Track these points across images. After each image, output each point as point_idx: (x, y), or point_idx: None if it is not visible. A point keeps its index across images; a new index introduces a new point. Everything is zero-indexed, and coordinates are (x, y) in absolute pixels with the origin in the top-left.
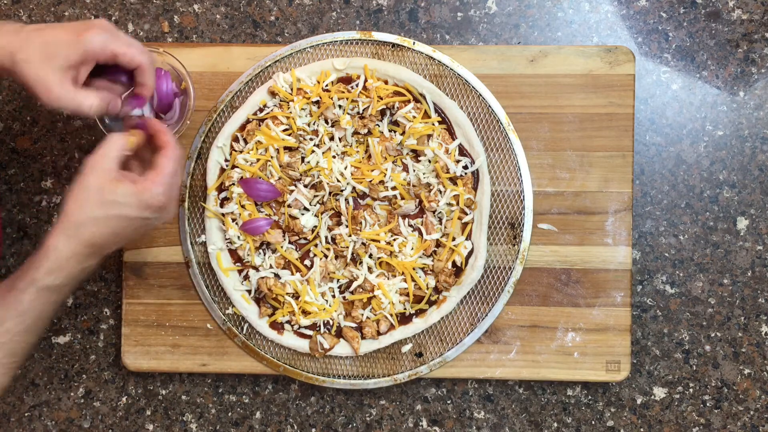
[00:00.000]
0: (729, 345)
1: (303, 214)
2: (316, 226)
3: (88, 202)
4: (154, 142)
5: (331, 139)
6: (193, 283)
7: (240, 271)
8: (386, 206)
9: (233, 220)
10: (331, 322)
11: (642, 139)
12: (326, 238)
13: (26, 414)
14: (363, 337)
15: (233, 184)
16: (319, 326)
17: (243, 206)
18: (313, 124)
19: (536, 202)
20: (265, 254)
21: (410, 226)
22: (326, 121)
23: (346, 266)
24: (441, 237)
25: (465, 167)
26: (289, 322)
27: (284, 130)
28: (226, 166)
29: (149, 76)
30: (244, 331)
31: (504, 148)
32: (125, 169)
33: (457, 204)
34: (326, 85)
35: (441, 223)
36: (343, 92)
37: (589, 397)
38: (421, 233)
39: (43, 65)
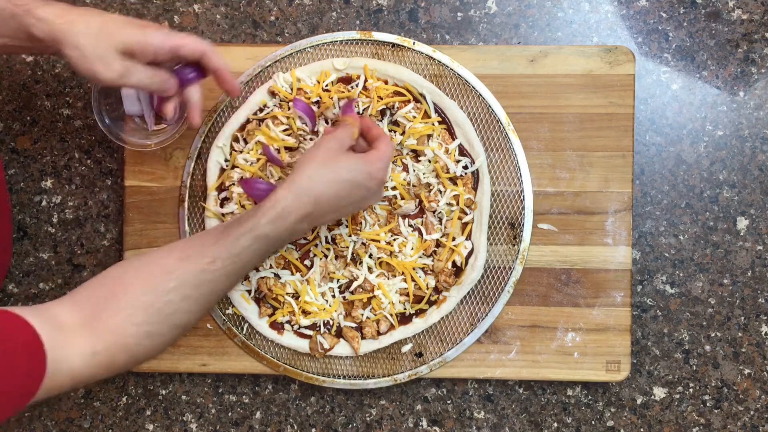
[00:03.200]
0: (729, 345)
1: None
2: (316, 226)
3: (318, 162)
4: (366, 137)
5: None
6: None
7: None
8: (386, 206)
9: None
10: (331, 322)
11: (642, 139)
12: (326, 238)
13: (26, 414)
14: (363, 337)
15: (233, 184)
16: (319, 326)
17: (243, 206)
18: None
19: (536, 202)
20: None
21: (410, 226)
22: (326, 121)
23: (346, 266)
24: (441, 237)
25: (465, 167)
26: (289, 322)
27: (284, 130)
28: (226, 166)
29: (218, 57)
30: (244, 331)
31: (504, 148)
32: None
33: (457, 204)
34: (326, 85)
35: (441, 223)
36: (343, 92)
37: (589, 397)
38: (421, 233)
39: (100, 44)
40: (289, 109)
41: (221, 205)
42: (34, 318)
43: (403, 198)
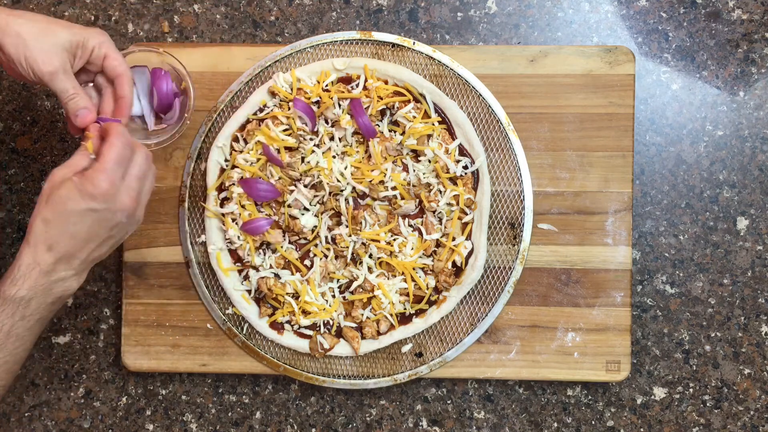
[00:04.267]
0: (729, 345)
1: (303, 214)
2: (316, 226)
3: (39, 205)
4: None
5: (331, 139)
6: (193, 283)
7: (240, 271)
8: (386, 206)
9: (233, 220)
10: (331, 322)
11: (642, 139)
12: (326, 238)
13: (26, 414)
14: (363, 337)
15: (233, 184)
16: (319, 326)
17: (243, 206)
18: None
19: (536, 202)
20: (265, 254)
21: (410, 226)
22: (326, 121)
23: (346, 266)
24: (441, 237)
25: (465, 167)
26: (289, 322)
27: (284, 130)
28: (226, 166)
29: (129, 88)
30: (244, 331)
31: (504, 148)
32: None
33: (457, 204)
34: (326, 85)
35: (441, 223)
36: (343, 92)
37: (589, 397)
38: (421, 233)
39: (44, 38)
40: (289, 109)
41: (221, 205)
42: None
43: (403, 198)
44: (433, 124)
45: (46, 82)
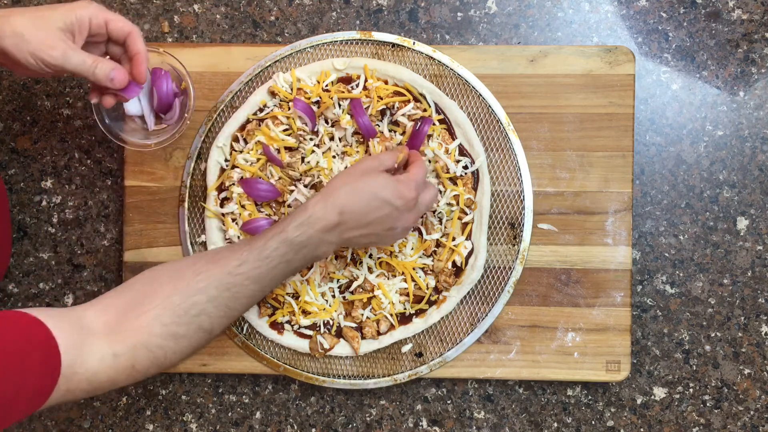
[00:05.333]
0: (729, 345)
1: None
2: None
3: (351, 177)
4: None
5: (331, 139)
6: None
7: None
8: None
9: (233, 220)
10: (331, 322)
11: (642, 139)
12: None
13: None
14: (363, 337)
15: (233, 184)
16: (319, 326)
17: (243, 206)
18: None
19: (536, 202)
20: None
21: None
22: (326, 121)
23: (346, 266)
24: (441, 237)
25: (465, 167)
26: (289, 322)
27: (284, 130)
28: (226, 166)
29: (141, 41)
30: (244, 331)
31: (504, 148)
32: None
33: (457, 204)
34: (326, 85)
35: (441, 223)
36: (343, 92)
37: (589, 397)
38: (421, 233)
39: (40, 26)
40: (289, 109)
41: (221, 205)
42: (51, 320)
43: None
44: (434, 124)
45: (61, 66)
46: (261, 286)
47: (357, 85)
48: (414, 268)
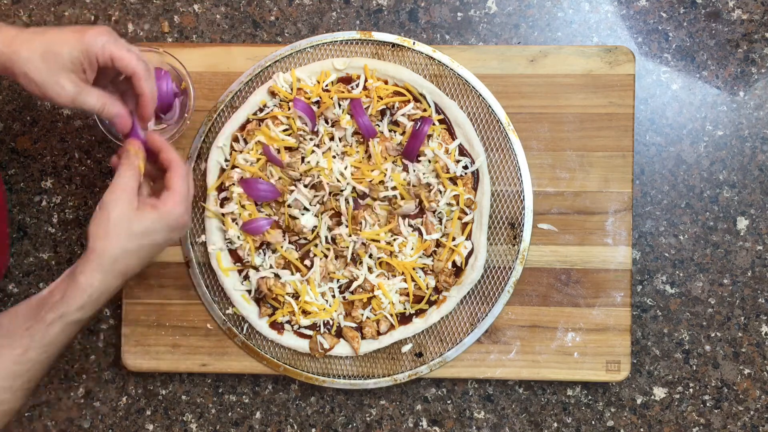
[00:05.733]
0: (729, 345)
1: (303, 214)
2: (316, 226)
3: (119, 237)
4: (158, 159)
5: (331, 139)
6: (193, 283)
7: (240, 271)
8: (386, 206)
9: (233, 220)
10: (331, 322)
11: (642, 139)
12: (326, 238)
13: (26, 414)
14: (363, 337)
15: (233, 184)
16: (319, 326)
17: (243, 206)
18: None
19: (536, 202)
20: (265, 254)
21: (410, 226)
22: (326, 121)
23: (346, 266)
24: (441, 237)
25: (465, 167)
26: (289, 322)
27: (284, 130)
28: (226, 166)
29: (146, 83)
30: (244, 331)
31: (504, 148)
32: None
33: (457, 204)
34: (326, 85)
35: (441, 223)
36: (343, 92)
37: (589, 397)
38: (421, 233)
39: (50, 68)
40: (289, 109)
41: (221, 205)
42: None
43: (403, 198)
44: (434, 124)
45: (72, 107)
46: (52, 360)
47: (357, 85)
48: (414, 268)
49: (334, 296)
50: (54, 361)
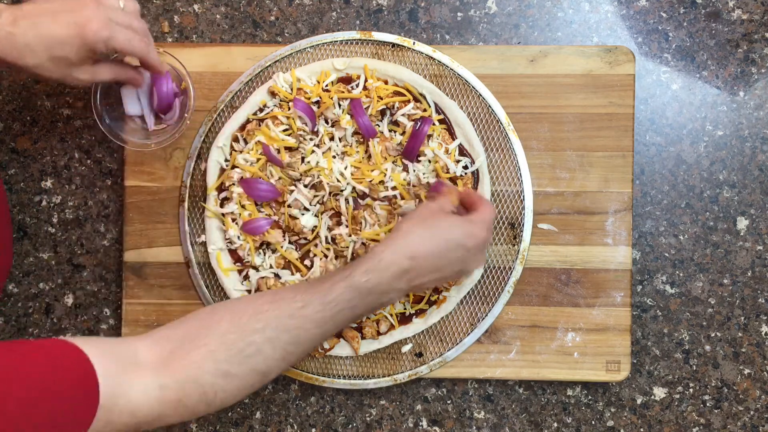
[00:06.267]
0: (729, 345)
1: (303, 214)
2: (316, 226)
3: (420, 223)
4: (465, 205)
5: (331, 139)
6: (193, 283)
7: (240, 271)
8: (386, 206)
9: (233, 220)
10: None
11: (642, 139)
12: (326, 238)
13: None
14: (363, 337)
15: (233, 184)
16: None
17: (243, 206)
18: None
19: (536, 202)
20: (265, 254)
21: None
22: (326, 121)
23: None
24: None
25: (465, 167)
26: None
27: (284, 130)
28: (226, 166)
29: (149, 58)
30: None
31: (504, 148)
32: None
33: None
34: (326, 85)
35: None
36: (343, 92)
37: (589, 397)
38: None
39: (59, 66)
40: (289, 109)
41: (221, 205)
42: (93, 348)
43: (403, 198)
44: (434, 124)
45: (94, 81)
46: (323, 331)
47: (357, 85)
48: None
49: None
50: (323, 333)
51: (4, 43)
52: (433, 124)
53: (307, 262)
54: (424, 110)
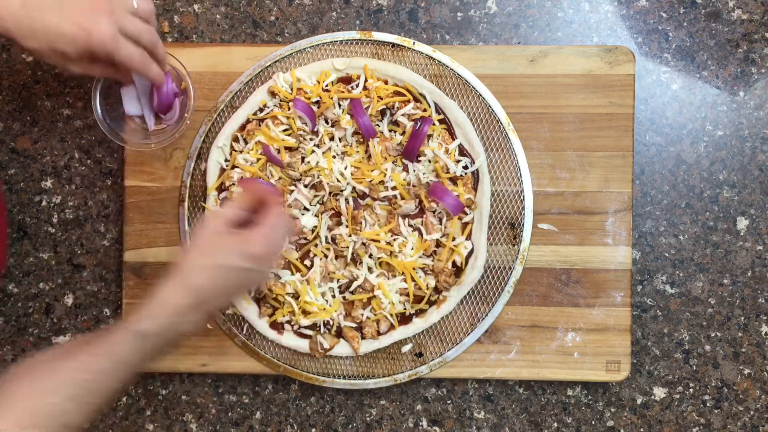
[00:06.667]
0: (729, 345)
1: (303, 214)
2: (316, 226)
3: (195, 252)
4: (255, 207)
5: (331, 139)
6: None
7: None
8: (386, 206)
9: None
10: (331, 322)
11: (642, 139)
12: (326, 238)
13: None
14: (363, 337)
15: (233, 184)
16: (319, 326)
17: None
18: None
19: (536, 202)
20: None
21: (410, 226)
22: (326, 121)
23: (346, 266)
24: (441, 237)
25: (465, 167)
26: (289, 322)
27: (284, 130)
28: (226, 166)
29: (151, 74)
30: (244, 331)
31: (504, 148)
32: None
33: None
34: (326, 85)
35: (441, 223)
36: (343, 92)
37: (589, 397)
38: (421, 233)
39: (53, 56)
40: (289, 109)
41: (221, 206)
42: None
43: (403, 198)
44: (434, 124)
45: (112, 47)
46: (120, 379)
47: (357, 85)
48: (414, 268)
49: (334, 296)
50: (119, 381)
51: (11, 22)
52: (433, 124)
53: (307, 262)
54: (424, 110)
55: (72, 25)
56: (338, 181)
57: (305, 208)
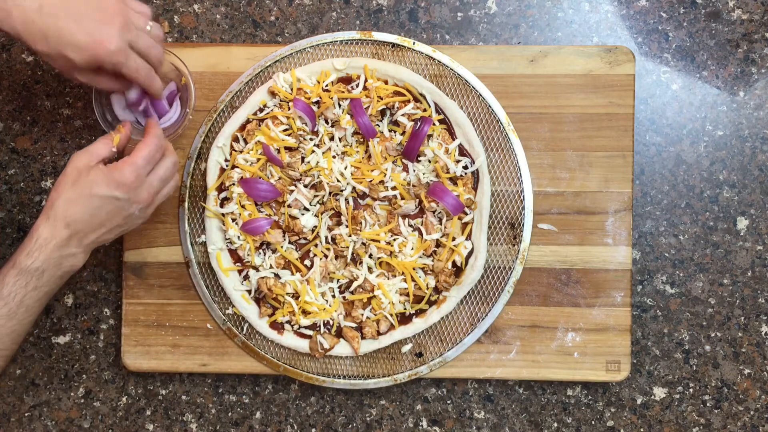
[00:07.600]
0: (729, 345)
1: (303, 214)
2: (316, 226)
3: (64, 185)
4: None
5: (331, 139)
6: (193, 283)
7: (240, 271)
8: (386, 206)
9: (233, 220)
10: (331, 322)
11: (642, 139)
12: (326, 238)
13: (26, 414)
14: (363, 337)
15: (233, 184)
16: (319, 326)
17: (243, 206)
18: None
19: (536, 202)
20: (265, 254)
21: (410, 226)
22: (326, 121)
23: (346, 266)
24: (441, 237)
25: (465, 167)
26: (289, 322)
27: (284, 130)
28: (226, 166)
29: (151, 89)
30: (244, 331)
31: (504, 148)
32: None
33: None
34: (326, 85)
35: (441, 223)
36: (343, 92)
37: (589, 397)
38: (421, 233)
39: (61, 62)
40: (289, 109)
41: (221, 205)
42: None
43: (403, 198)
44: (434, 124)
45: (120, 61)
46: (17, 321)
47: (357, 85)
48: (414, 268)
49: (334, 296)
50: (21, 323)
51: (23, 27)
52: (433, 124)
53: (307, 262)
54: (424, 110)
55: (85, 35)
56: (338, 181)
57: (305, 208)
